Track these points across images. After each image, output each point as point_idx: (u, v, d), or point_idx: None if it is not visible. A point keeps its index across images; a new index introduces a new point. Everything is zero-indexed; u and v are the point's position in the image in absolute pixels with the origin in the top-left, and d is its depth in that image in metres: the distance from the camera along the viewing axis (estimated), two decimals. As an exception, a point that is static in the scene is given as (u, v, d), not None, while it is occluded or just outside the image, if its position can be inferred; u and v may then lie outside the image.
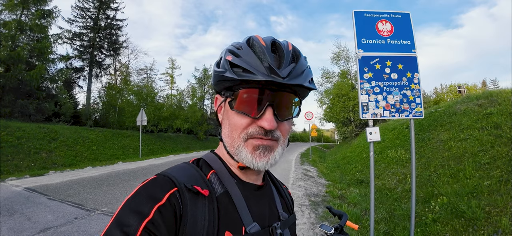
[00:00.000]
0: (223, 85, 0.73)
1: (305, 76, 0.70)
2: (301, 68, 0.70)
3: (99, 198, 6.40)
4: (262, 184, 0.82)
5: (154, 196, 0.61)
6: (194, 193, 0.64)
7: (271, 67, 0.65)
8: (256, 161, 0.69)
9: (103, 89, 26.49)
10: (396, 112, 3.59)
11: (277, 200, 0.85)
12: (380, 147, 10.67)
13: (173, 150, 22.31)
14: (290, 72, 0.66)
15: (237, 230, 0.66)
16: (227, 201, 0.69)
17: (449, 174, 5.77)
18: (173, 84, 32.03)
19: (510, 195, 4.11)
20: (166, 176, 0.66)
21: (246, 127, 0.69)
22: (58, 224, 4.70)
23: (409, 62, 3.62)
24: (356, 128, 24.96)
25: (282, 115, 0.70)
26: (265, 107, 0.67)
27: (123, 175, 9.62)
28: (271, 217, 0.77)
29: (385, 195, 6.71)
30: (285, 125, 0.73)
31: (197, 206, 0.63)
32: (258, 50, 0.68)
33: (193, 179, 0.68)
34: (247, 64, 0.66)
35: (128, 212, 0.59)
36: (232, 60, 0.68)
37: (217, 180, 0.72)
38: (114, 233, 0.56)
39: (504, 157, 5.10)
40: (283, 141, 0.74)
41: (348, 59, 28.21)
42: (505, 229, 3.56)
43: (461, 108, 8.78)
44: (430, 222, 4.47)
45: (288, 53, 0.69)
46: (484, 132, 6.40)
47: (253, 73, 0.65)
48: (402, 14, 3.70)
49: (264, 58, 0.66)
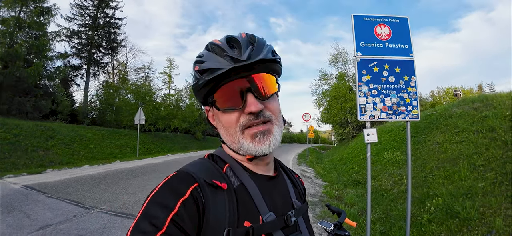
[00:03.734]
0: (202, 93, 0.78)
1: (265, 51, 0.74)
2: (260, 47, 0.74)
3: (97, 196, 6.42)
4: (275, 175, 0.86)
5: (178, 191, 0.64)
6: (214, 187, 0.68)
7: (232, 57, 0.70)
8: (258, 147, 0.73)
9: (101, 88, 26.35)
10: (393, 114, 3.66)
11: (290, 189, 0.88)
12: (377, 148, 10.76)
13: (170, 150, 22.26)
14: (250, 53, 0.71)
15: (255, 219, 0.69)
16: (243, 192, 0.72)
17: (444, 176, 5.86)
18: (171, 84, 31.97)
19: (504, 197, 4.20)
20: (187, 172, 0.70)
21: (237, 120, 0.74)
22: (57, 222, 4.72)
23: (406, 66, 3.70)
24: (353, 130, 25.07)
25: (263, 95, 0.74)
26: (244, 94, 0.72)
27: (121, 174, 9.63)
28: (285, 205, 0.80)
29: (381, 196, 6.79)
30: (272, 103, 0.77)
31: (217, 199, 0.67)
32: (217, 50, 0.73)
33: (211, 173, 0.72)
34: (212, 64, 0.71)
35: (154, 206, 0.62)
36: (199, 68, 0.74)
37: (233, 174, 0.76)
38: (143, 225, 0.59)
39: (499, 160, 5.19)
40: (277, 119, 0.78)
41: (346, 61, 28.33)
42: (499, 229, 3.65)
43: (457, 111, 8.90)
44: (425, 222, 4.54)
45: (243, 41, 0.73)
46: (479, 135, 6.50)
47: (219, 68, 0.70)
48: (400, 18, 3.78)
49: (224, 53, 0.71)
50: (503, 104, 7.39)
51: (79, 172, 9.64)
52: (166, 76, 31.78)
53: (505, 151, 5.31)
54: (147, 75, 31.13)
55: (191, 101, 31.52)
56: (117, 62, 29.87)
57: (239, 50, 0.72)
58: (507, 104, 7.20)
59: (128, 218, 5.14)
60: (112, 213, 5.35)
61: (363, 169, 10.36)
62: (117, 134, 19.59)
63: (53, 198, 6.10)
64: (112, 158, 14.91)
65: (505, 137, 5.73)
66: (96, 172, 9.82)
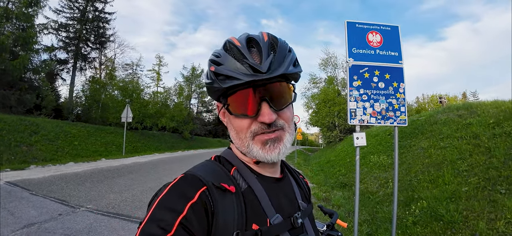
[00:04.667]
0: (216, 94, 0.77)
1: (287, 63, 0.72)
2: (282, 55, 0.72)
3: (83, 195, 6.30)
4: (281, 177, 0.86)
5: (186, 195, 0.64)
6: (222, 190, 0.68)
7: (251, 66, 0.67)
8: (268, 155, 0.72)
9: (87, 83, 25.66)
10: (382, 119, 3.75)
11: (296, 190, 0.89)
12: (363, 152, 10.93)
13: (157, 149, 22.01)
14: (270, 63, 0.68)
15: (262, 222, 0.69)
16: (251, 195, 0.72)
17: (428, 180, 6.01)
18: (160, 81, 31.58)
19: (487, 201, 4.34)
20: (194, 175, 0.69)
21: (249, 127, 0.72)
22: (42, 220, 4.61)
23: (396, 73, 3.80)
24: (340, 133, 25.36)
25: (278, 105, 0.72)
26: (259, 103, 0.70)
27: (107, 172, 9.49)
28: (291, 207, 0.80)
29: (367, 198, 6.91)
30: (286, 112, 0.75)
31: (225, 202, 0.66)
32: (235, 52, 0.70)
33: (219, 176, 0.71)
34: (229, 70, 0.69)
35: (162, 210, 0.62)
36: (215, 70, 0.71)
37: (240, 176, 0.75)
38: (151, 229, 0.59)
39: (482, 165, 5.36)
40: (289, 127, 0.76)
41: (336, 66, 28.67)
42: (482, 232, 3.78)
43: (442, 117, 9.14)
44: (410, 224, 4.66)
45: (264, 45, 0.71)
46: (463, 141, 6.70)
47: (236, 78, 0.67)
48: (391, 27, 3.87)
49: (243, 58, 0.69)
50: (487, 112, 7.62)
51: (63, 169, 9.44)
52: (154, 74, 31.37)
53: (488, 157, 5.49)
54: (135, 72, 30.64)
55: (179, 99, 31.26)
56: (105, 57, 29.26)
57: (259, 56, 0.70)
58: (491, 112, 7.42)
59: (114, 217, 5.07)
60: (98, 212, 5.27)
61: (350, 171, 10.51)
62: (102, 131, 19.21)
63: (37, 196, 5.95)
64: (98, 155, 14.62)
65: (488, 144, 5.91)
66: (81, 169, 9.64)
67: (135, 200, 6.23)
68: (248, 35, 0.74)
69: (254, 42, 0.72)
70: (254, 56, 0.70)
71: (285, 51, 0.74)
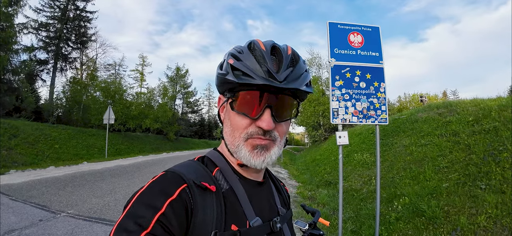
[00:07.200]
0: (226, 86, 0.76)
1: (302, 80, 0.73)
2: (299, 72, 0.73)
3: (64, 200, 6.12)
4: (263, 181, 0.86)
5: (166, 191, 0.63)
6: (203, 189, 0.68)
7: (269, 71, 0.68)
8: (253, 160, 0.73)
9: (68, 84, 24.89)
10: (364, 118, 3.82)
11: (275, 196, 0.89)
12: (347, 150, 11.10)
13: (141, 151, 21.62)
14: (287, 76, 0.70)
15: (241, 223, 0.70)
16: (232, 196, 0.73)
17: (410, 177, 6.16)
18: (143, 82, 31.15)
19: (468, 196, 4.48)
20: (175, 172, 0.69)
21: (246, 127, 0.73)
22: (22, 226, 4.45)
23: (376, 73, 3.88)
24: (325, 132, 25.72)
25: (280, 116, 0.74)
26: (263, 109, 0.71)
27: (89, 176, 9.23)
28: (271, 211, 0.81)
29: (351, 196, 7.02)
30: (283, 126, 0.77)
31: (206, 201, 0.66)
32: (258, 55, 0.71)
33: (201, 175, 0.71)
34: (247, 68, 0.69)
35: (141, 206, 0.61)
36: (233, 63, 0.71)
37: (222, 177, 0.76)
38: (128, 225, 0.58)
39: (462, 162, 5.53)
40: (280, 141, 0.77)
41: (320, 66, 29.13)
42: (464, 227, 3.90)
43: (423, 116, 9.39)
44: (393, 220, 4.76)
45: (287, 57, 0.72)
46: (443, 139, 6.90)
47: (252, 77, 0.68)
48: (372, 27, 3.95)
49: (264, 62, 0.70)
50: (466, 110, 7.86)
51: (44, 174, 9.13)
52: (138, 74, 30.96)
53: (468, 154, 5.67)
54: (118, 72, 30.21)
55: (164, 100, 30.84)
56: (86, 57, 28.68)
57: (278, 65, 0.72)
58: (470, 110, 7.66)
59: (97, 222, 4.95)
60: (80, 217, 5.13)
61: (334, 170, 10.65)
62: (84, 134, 18.73)
63: (17, 201, 5.75)
64: (79, 159, 14.23)
65: (468, 141, 6.11)
66: (62, 173, 9.35)
67: (117, 204, 6.09)
68: (274, 43, 0.76)
69: (278, 51, 0.74)
70: (274, 64, 0.72)
71: (303, 70, 0.76)
